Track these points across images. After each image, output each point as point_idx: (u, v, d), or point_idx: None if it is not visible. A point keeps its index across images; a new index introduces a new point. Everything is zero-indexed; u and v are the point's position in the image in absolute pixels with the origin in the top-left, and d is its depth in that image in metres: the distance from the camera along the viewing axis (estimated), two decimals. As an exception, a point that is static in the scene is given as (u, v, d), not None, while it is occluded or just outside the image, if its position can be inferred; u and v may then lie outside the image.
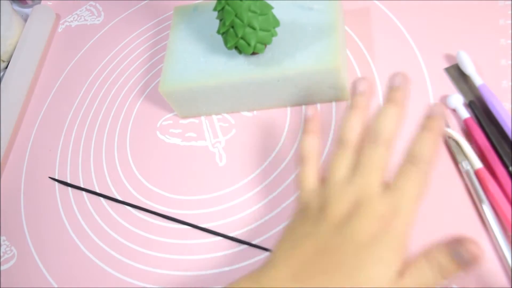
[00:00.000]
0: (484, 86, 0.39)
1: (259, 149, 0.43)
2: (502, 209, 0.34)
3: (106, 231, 0.43)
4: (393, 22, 0.46)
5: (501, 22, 0.42)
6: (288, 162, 0.42)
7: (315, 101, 0.43)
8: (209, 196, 0.42)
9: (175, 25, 0.46)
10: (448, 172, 0.37)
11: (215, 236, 0.40)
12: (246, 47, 0.40)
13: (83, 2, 0.61)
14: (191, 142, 0.45)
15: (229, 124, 0.45)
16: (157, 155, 0.46)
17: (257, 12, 0.38)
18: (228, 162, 0.43)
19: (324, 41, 0.40)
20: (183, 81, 0.42)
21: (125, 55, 0.54)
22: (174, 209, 0.42)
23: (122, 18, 0.57)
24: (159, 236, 0.41)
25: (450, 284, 0.33)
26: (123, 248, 0.42)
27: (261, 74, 0.41)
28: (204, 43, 0.44)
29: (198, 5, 0.47)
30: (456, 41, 0.43)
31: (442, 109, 0.30)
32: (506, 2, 0.43)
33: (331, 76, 0.40)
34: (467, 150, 0.37)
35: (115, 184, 0.45)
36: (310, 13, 0.42)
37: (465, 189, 0.36)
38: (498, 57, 0.41)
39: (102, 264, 0.41)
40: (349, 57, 0.45)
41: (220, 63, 0.42)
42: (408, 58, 0.43)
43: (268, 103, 0.44)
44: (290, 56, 0.40)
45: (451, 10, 0.45)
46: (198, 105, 0.45)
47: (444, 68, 0.42)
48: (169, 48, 0.45)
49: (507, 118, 0.37)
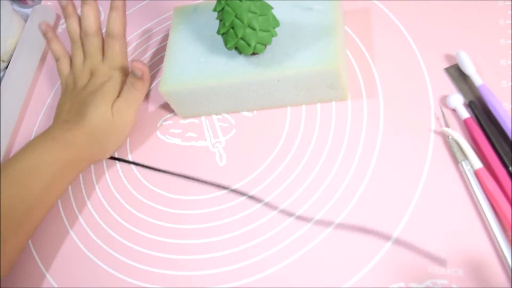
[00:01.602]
0: (484, 86, 0.39)
1: (259, 149, 0.43)
2: (502, 209, 0.34)
3: (106, 231, 0.43)
4: (393, 22, 0.46)
5: (501, 22, 0.42)
6: (288, 162, 0.42)
7: (315, 101, 0.43)
8: (209, 196, 0.42)
9: (175, 25, 0.46)
10: (448, 172, 0.37)
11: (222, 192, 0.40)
12: (246, 47, 0.40)
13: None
14: (191, 142, 0.45)
15: (229, 124, 0.45)
16: (157, 155, 0.46)
17: (257, 13, 0.38)
18: (228, 162, 0.43)
19: (324, 41, 0.40)
20: (183, 81, 0.42)
21: (125, 55, 0.54)
22: (174, 209, 0.42)
23: (122, 18, 0.57)
24: (160, 236, 0.41)
25: (450, 284, 0.33)
26: (123, 248, 0.42)
27: (261, 74, 0.41)
28: (204, 43, 0.44)
29: (198, 5, 0.47)
30: (456, 41, 0.43)
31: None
32: (506, 2, 0.43)
33: (331, 76, 0.40)
34: (467, 150, 0.37)
35: (115, 184, 0.45)
36: (310, 13, 0.42)
37: (465, 189, 0.36)
38: (498, 57, 0.41)
39: (101, 264, 0.41)
40: (349, 57, 0.45)
41: (220, 63, 0.42)
42: (408, 58, 0.43)
43: (268, 103, 0.44)
44: (290, 56, 0.40)
45: (451, 10, 0.45)
46: (198, 105, 0.45)
47: (444, 68, 0.42)
48: (169, 49, 0.45)
49: (507, 118, 0.37)
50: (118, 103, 0.43)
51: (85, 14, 0.46)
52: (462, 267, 0.34)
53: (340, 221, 0.38)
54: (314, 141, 0.42)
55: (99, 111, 0.42)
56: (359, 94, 0.43)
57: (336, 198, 0.39)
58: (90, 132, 0.42)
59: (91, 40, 0.46)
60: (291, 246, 0.38)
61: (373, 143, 0.40)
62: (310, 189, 0.40)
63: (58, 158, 0.40)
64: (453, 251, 0.34)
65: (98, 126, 0.42)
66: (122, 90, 0.44)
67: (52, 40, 0.48)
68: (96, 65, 0.45)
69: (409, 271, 0.35)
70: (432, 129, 0.39)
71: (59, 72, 0.48)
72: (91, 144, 0.42)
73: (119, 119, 0.43)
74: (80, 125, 0.42)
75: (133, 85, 0.43)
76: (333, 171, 0.40)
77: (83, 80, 0.45)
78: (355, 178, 0.39)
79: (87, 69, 0.46)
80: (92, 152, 0.43)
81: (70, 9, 0.47)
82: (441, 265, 0.34)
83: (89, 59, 0.46)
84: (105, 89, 0.43)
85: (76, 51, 0.47)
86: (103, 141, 0.43)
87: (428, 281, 0.34)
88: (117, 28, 0.45)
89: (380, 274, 0.35)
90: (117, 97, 0.44)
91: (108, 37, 0.46)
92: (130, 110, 0.44)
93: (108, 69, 0.45)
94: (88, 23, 0.46)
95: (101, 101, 0.43)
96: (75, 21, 0.47)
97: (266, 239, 0.39)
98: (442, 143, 0.39)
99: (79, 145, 0.42)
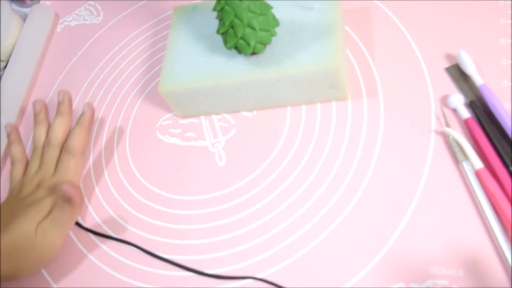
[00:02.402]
0: (485, 86, 0.39)
1: (259, 149, 0.43)
2: (502, 209, 0.34)
3: (105, 231, 0.43)
4: (394, 22, 0.46)
5: (502, 21, 0.42)
6: (288, 162, 0.41)
7: (315, 101, 0.43)
8: (209, 196, 0.42)
9: (175, 25, 0.46)
10: (449, 172, 0.37)
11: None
12: (245, 47, 0.40)
13: (82, 1, 0.61)
14: (191, 142, 0.45)
15: (229, 124, 0.45)
16: (156, 155, 0.46)
17: (257, 12, 0.38)
18: (228, 162, 0.43)
19: (324, 41, 0.40)
20: (182, 81, 0.42)
21: (124, 55, 0.54)
22: (174, 209, 0.42)
23: (121, 17, 0.57)
24: (161, 236, 0.41)
25: (450, 285, 0.33)
26: (124, 248, 0.41)
27: (261, 74, 0.41)
28: (203, 43, 0.44)
29: (197, 5, 0.47)
30: (457, 41, 0.43)
31: (90, 106, 0.47)
32: (507, 1, 0.43)
33: (331, 76, 0.40)
34: (467, 150, 0.37)
35: (114, 184, 0.45)
36: (310, 13, 0.42)
37: (465, 189, 0.36)
38: (499, 57, 0.41)
39: (101, 264, 0.41)
40: (349, 57, 0.45)
41: (220, 63, 0.42)
42: (408, 58, 0.43)
43: (268, 103, 0.44)
44: (290, 56, 0.40)
45: (452, 10, 0.45)
46: (197, 105, 0.45)
47: (445, 68, 0.42)
48: (169, 48, 0.45)
49: (508, 118, 0.37)
50: (45, 224, 0.40)
51: (55, 125, 0.46)
52: (462, 268, 0.34)
53: (340, 221, 0.38)
54: (314, 141, 0.42)
55: (23, 227, 0.39)
56: (359, 93, 0.43)
57: (336, 198, 0.39)
58: (6, 245, 0.38)
59: (51, 152, 0.45)
60: (291, 246, 0.38)
61: (373, 143, 0.40)
62: (310, 189, 0.40)
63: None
64: (453, 251, 0.34)
65: (15, 243, 0.38)
66: (51, 211, 0.41)
67: (14, 142, 0.47)
68: (46, 178, 0.43)
69: (409, 271, 0.34)
70: (432, 129, 0.39)
71: (11, 177, 0.45)
72: (5, 258, 0.38)
73: (41, 240, 0.39)
74: (1, 235, 0.38)
75: (62, 207, 0.40)
76: (333, 170, 0.40)
77: (28, 190, 0.43)
78: (355, 178, 0.39)
79: (37, 180, 0.44)
80: (4, 268, 0.38)
81: (42, 117, 0.47)
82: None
83: (42, 170, 0.44)
84: (40, 205, 0.40)
85: (34, 159, 0.45)
86: (17, 260, 0.39)
87: (429, 281, 0.34)
88: (77, 145, 0.44)
89: (381, 274, 0.35)
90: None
91: (66, 151, 0.44)
92: (56, 232, 0.40)
93: (55, 184, 0.43)
94: (55, 134, 0.45)
95: (28, 217, 0.39)
96: (44, 129, 0.46)
97: (266, 239, 0.39)
98: (443, 143, 0.39)
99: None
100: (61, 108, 0.46)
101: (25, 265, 0.40)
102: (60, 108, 0.46)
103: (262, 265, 0.38)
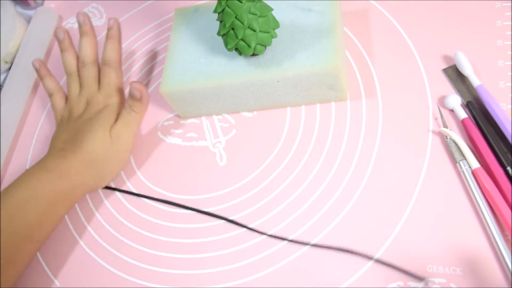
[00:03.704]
0: (482, 87, 0.39)
1: (259, 149, 0.43)
2: (499, 208, 0.34)
3: (107, 230, 0.43)
4: (392, 23, 0.46)
5: (498, 23, 0.43)
6: (288, 162, 0.42)
7: (314, 102, 0.44)
8: (209, 196, 0.42)
9: (176, 26, 0.47)
10: (446, 171, 0.38)
11: (218, 219, 0.41)
12: (246, 48, 0.40)
13: (85, 3, 0.61)
14: (192, 142, 0.46)
15: (230, 125, 0.46)
16: (158, 155, 0.46)
17: (257, 14, 0.39)
18: (229, 162, 0.44)
19: (323, 42, 0.40)
20: (183, 82, 0.43)
21: (126, 56, 0.54)
22: (174, 209, 0.43)
23: (124, 19, 0.57)
24: (162, 235, 0.42)
25: (448, 284, 0.33)
26: (125, 247, 0.42)
27: (261, 75, 0.41)
28: (204, 44, 0.44)
29: (198, 6, 0.47)
30: (454, 42, 0.43)
31: (116, 20, 0.48)
32: (503, 3, 0.44)
33: (331, 77, 0.40)
34: (464, 150, 0.37)
35: (116, 184, 0.45)
36: (309, 14, 0.42)
37: (462, 188, 0.37)
38: (496, 58, 0.41)
39: (104, 263, 0.41)
40: (348, 58, 0.46)
41: (221, 64, 0.43)
42: (406, 59, 0.44)
43: (268, 104, 0.44)
44: (290, 57, 0.41)
45: (449, 11, 0.45)
46: (198, 105, 0.45)
47: (442, 69, 0.42)
48: (170, 49, 0.45)
49: (504, 119, 0.37)
50: (117, 127, 0.42)
51: (83, 45, 0.47)
52: (460, 266, 0.34)
53: (339, 220, 0.38)
54: (313, 141, 0.42)
55: (97, 137, 0.41)
56: (358, 94, 0.43)
57: (335, 197, 0.39)
58: (86, 159, 0.41)
59: (88, 70, 0.46)
60: (291, 246, 0.38)
61: (372, 143, 0.41)
62: (311, 188, 0.40)
63: (51, 190, 0.39)
64: (451, 250, 0.34)
65: (95, 153, 0.41)
66: (119, 115, 0.44)
67: (45, 76, 0.48)
68: (92, 94, 0.45)
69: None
70: (430, 129, 0.40)
71: (53, 107, 0.47)
72: (88, 171, 0.41)
73: (118, 144, 0.42)
74: (76, 153, 0.41)
75: (132, 107, 0.43)
76: (332, 170, 0.40)
77: (79, 109, 0.45)
78: (354, 177, 0.39)
79: (83, 99, 0.45)
80: (89, 180, 0.42)
81: (67, 43, 0.48)
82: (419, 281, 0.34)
83: (85, 89, 0.46)
84: (102, 115, 0.43)
85: (73, 83, 0.47)
86: (101, 168, 0.42)
87: (427, 280, 0.34)
88: (113, 57, 0.46)
89: (379, 273, 0.35)
90: (114, 122, 0.43)
91: (104, 65, 0.46)
92: (129, 133, 0.43)
93: (104, 97, 0.45)
94: (86, 53, 0.47)
95: (99, 127, 0.42)
96: (71, 54, 0.48)
97: (266, 238, 0.39)
98: (440, 143, 0.39)
99: (74, 174, 0.40)
100: (83, 28, 0.47)
101: (107, 171, 0.43)
102: (82, 29, 0.47)
103: (261, 265, 0.38)
